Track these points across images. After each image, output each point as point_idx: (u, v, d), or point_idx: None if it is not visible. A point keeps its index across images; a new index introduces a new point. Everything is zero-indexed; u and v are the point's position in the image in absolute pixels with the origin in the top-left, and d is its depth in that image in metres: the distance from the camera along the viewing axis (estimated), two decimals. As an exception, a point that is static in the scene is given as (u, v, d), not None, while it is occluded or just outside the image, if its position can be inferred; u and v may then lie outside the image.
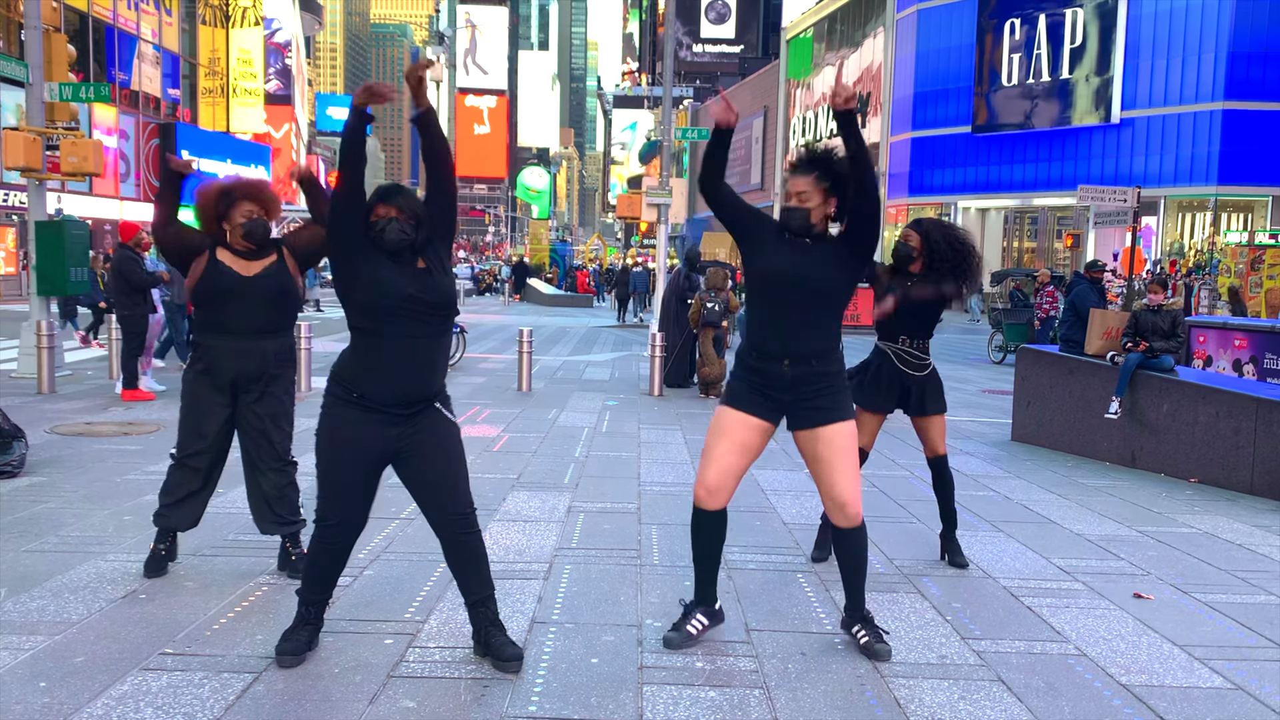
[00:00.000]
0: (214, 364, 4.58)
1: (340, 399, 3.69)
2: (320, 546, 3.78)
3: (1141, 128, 36.22)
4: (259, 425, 4.64)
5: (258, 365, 4.58)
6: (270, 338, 4.61)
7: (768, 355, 3.96)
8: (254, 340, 4.57)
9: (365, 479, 3.72)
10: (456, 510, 3.73)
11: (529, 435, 9.21)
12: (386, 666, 3.76)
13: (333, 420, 3.70)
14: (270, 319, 4.60)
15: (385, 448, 3.68)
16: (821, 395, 3.97)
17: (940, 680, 3.83)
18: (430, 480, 3.71)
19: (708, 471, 4.02)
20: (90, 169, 12.67)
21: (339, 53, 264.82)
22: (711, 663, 3.91)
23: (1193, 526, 6.51)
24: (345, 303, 3.66)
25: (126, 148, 43.12)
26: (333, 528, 3.74)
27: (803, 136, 57.04)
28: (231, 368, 4.56)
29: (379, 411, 3.63)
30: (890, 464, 8.30)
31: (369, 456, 3.68)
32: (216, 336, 4.57)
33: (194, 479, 4.73)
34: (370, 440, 3.65)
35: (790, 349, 3.93)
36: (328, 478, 3.71)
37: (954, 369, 17.99)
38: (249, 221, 4.55)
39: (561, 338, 22.52)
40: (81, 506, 6.04)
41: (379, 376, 3.61)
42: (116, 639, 3.94)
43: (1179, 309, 10.12)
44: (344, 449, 3.66)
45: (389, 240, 3.59)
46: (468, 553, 3.76)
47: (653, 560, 5.29)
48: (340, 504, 3.72)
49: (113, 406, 10.30)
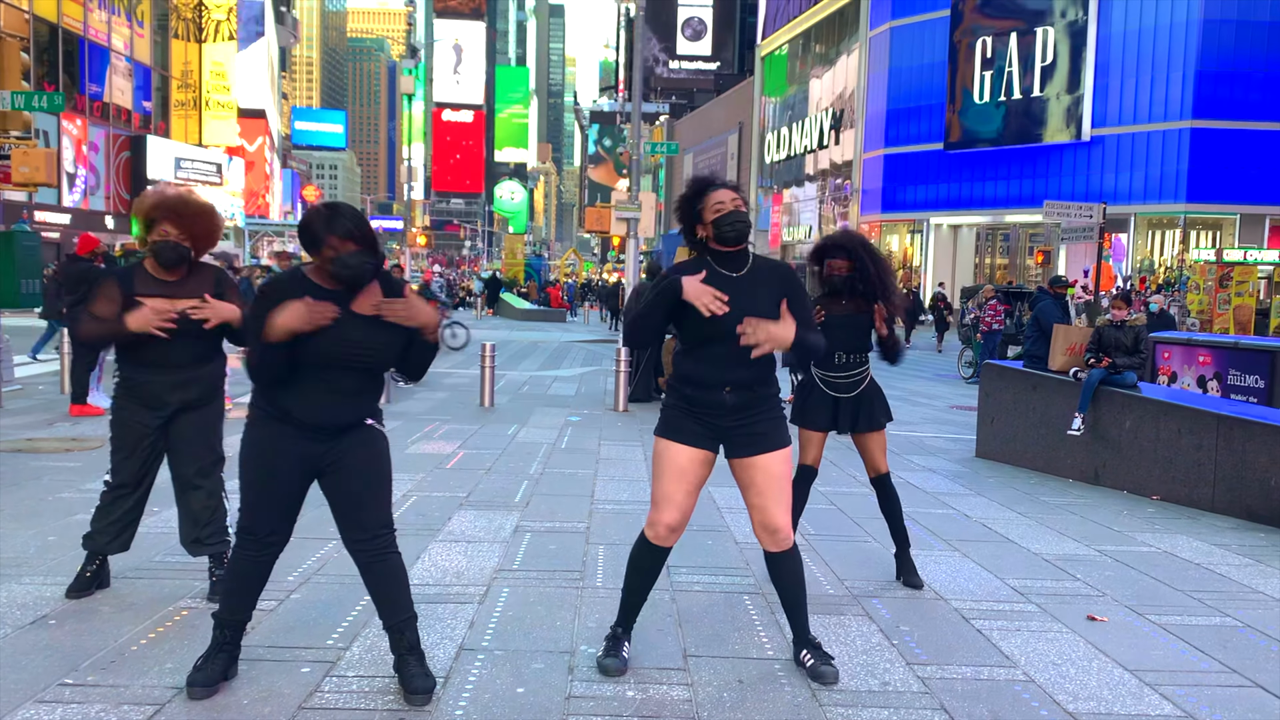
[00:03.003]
0: (141, 395, 4.42)
1: (265, 412, 3.52)
2: (244, 561, 3.60)
3: (1111, 145, 36.48)
4: (187, 448, 4.47)
5: (184, 394, 4.42)
6: (198, 368, 4.44)
7: (706, 385, 3.80)
8: (183, 373, 4.39)
9: (291, 491, 3.55)
10: (375, 528, 3.55)
11: (484, 452, 9.02)
12: (299, 697, 3.56)
13: (258, 433, 3.53)
14: (198, 352, 4.41)
15: (312, 461, 3.51)
16: (760, 421, 3.84)
17: (880, 709, 3.67)
18: (353, 493, 3.53)
19: (665, 513, 3.85)
20: (42, 179, 12.44)
21: (315, 66, 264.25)
22: (643, 691, 3.74)
23: (1151, 545, 6.40)
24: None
25: (96, 160, 42.67)
26: (258, 540, 3.56)
27: (778, 152, 57.22)
28: (159, 398, 4.40)
29: (306, 430, 3.46)
30: (851, 480, 8.16)
31: (295, 469, 3.51)
32: (141, 371, 4.39)
33: (124, 503, 4.55)
34: (296, 453, 3.49)
35: (732, 378, 3.78)
36: (253, 489, 3.54)
37: (924, 385, 17.95)
38: (159, 242, 4.30)
39: (531, 352, 22.34)
40: (5, 526, 5.80)
41: (300, 403, 3.45)
42: (15, 668, 3.72)
43: (1142, 325, 10.07)
44: (270, 460, 3.50)
45: (357, 279, 3.39)
46: (387, 574, 3.58)
47: (595, 582, 5.11)
48: (267, 515, 3.54)
49: (59, 422, 10.03)
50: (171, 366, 4.36)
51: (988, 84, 40.05)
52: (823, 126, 51.33)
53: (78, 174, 41.17)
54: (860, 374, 5.20)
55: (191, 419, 4.46)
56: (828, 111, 50.92)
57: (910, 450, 10.07)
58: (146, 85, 47.82)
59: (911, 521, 6.60)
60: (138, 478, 4.52)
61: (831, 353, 5.12)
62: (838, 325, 5.10)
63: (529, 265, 57.55)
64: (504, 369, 17.60)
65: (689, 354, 3.85)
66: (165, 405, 4.41)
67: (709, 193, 3.85)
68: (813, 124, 52.63)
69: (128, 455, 4.48)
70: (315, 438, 3.49)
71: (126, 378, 4.44)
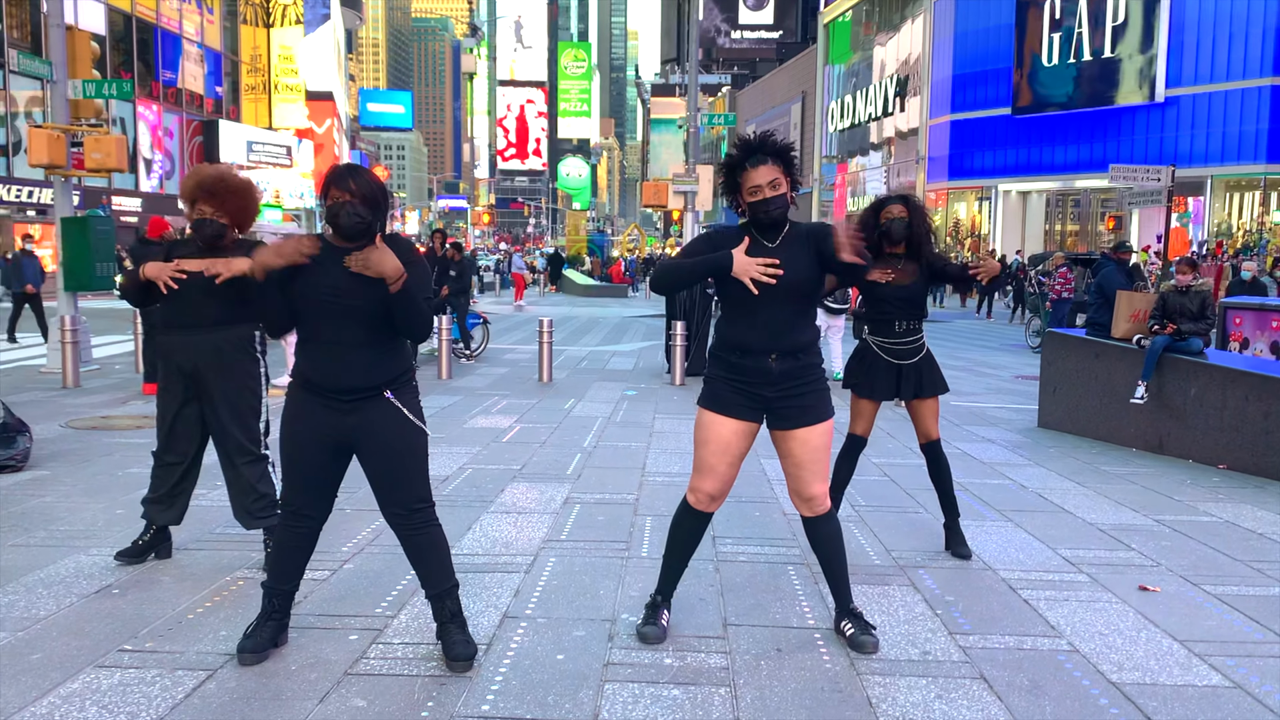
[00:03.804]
0: (168, 358, 4.62)
1: (296, 384, 3.63)
2: (282, 532, 3.73)
3: (1187, 106, 35.25)
4: (223, 418, 4.61)
5: (210, 357, 4.56)
6: (220, 329, 4.57)
7: (752, 352, 3.80)
8: (204, 333, 4.55)
9: (323, 465, 3.63)
10: (404, 505, 3.62)
11: (541, 426, 9.11)
12: (345, 663, 3.67)
13: (292, 407, 3.64)
14: (218, 311, 4.55)
15: (336, 435, 3.58)
16: (806, 393, 3.84)
17: (918, 678, 3.66)
18: (380, 471, 3.61)
19: (706, 481, 3.90)
20: (114, 165, 12.78)
21: (381, 47, 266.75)
22: (681, 659, 3.78)
23: (1213, 515, 6.25)
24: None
25: (171, 145, 43.73)
26: (292, 513, 3.68)
27: (842, 120, 56.44)
28: (185, 361, 4.57)
29: (326, 398, 3.55)
30: (906, 451, 8.09)
31: (324, 443, 3.60)
32: (167, 331, 4.62)
33: (171, 475, 4.73)
34: (325, 426, 3.57)
35: (777, 345, 3.78)
36: (288, 462, 3.66)
37: (989, 355, 17.67)
38: (197, 220, 4.54)
39: (592, 328, 22.43)
40: (77, 500, 6.04)
41: (314, 366, 3.56)
42: (79, 635, 3.89)
43: (1208, 290, 9.77)
44: (294, 430, 3.61)
45: (343, 226, 3.49)
46: (425, 546, 3.66)
47: (640, 552, 5.16)
48: (299, 489, 3.65)
49: (133, 400, 10.37)
50: (189, 326, 4.55)
51: (1056, 46, 38.94)
52: (887, 94, 50.48)
53: (154, 159, 42.27)
54: (918, 341, 5.22)
55: (223, 390, 4.59)
56: (892, 78, 50.04)
57: (971, 421, 9.94)
58: (217, 70, 48.83)
59: (966, 492, 6.55)
60: (178, 451, 4.71)
61: (891, 320, 5.16)
62: (895, 294, 5.14)
63: (591, 242, 57.66)
64: (564, 345, 17.74)
65: (734, 321, 3.86)
66: (189, 365, 4.57)
67: (746, 169, 3.79)
68: (877, 91, 51.77)
69: (166, 428, 4.70)
70: (333, 405, 3.55)
71: (159, 343, 4.72)
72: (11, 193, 33.64)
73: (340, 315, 3.49)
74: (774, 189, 3.77)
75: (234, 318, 4.59)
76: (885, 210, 5.13)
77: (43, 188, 32.50)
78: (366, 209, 3.49)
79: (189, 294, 4.50)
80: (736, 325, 3.85)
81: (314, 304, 3.49)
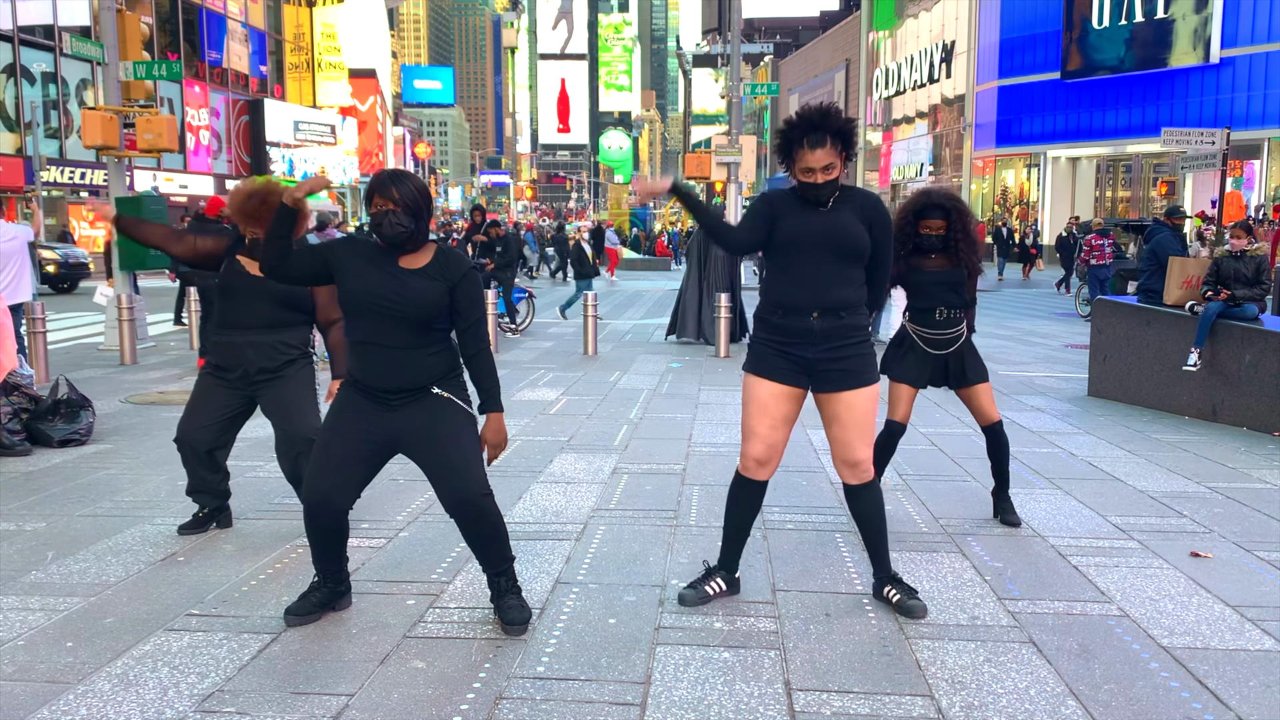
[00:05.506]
0: (225, 357, 4.74)
1: (346, 384, 3.71)
2: (307, 521, 3.71)
3: (1243, 66, 34.36)
4: (278, 413, 4.74)
5: (266, 357, 4.70)
6: (276, 332, 4.73)
7: (796, 310, 3.83)
8: (261, 334, 4.70)
9: (350, 455, 3.62)
10: (461, 497, 3.60)
11: (587, 398, 9.20)
12: (404, 627, 3.78)
13: (339, 400, 3.71)
14: (277, 315, 4.71)
15: (386, 433, 3.62)
16: (849, 356, 3.86)
17: (967, 642, 3.69)
18: (432, 466, 3.63)
19: (755, 446, 3.94)
20: (165, 145, 13.00)
21: (422, 24, 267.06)
22: (731, 623, 3.84)
23: (1267, 482, 6.18)
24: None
25: (218, 125, 44.24)
26: (315, 503, 3.64)
27: (887, 88, 55.72)
28: (242, 360, 4.70)
29: (375, 397, 3.62)
30: (955, 421, 8.07)
31: (365, 438, 3.62)
32: (227, 332, 4.74)
33: (195, 460, 4.85)
34: (370, 422, 3.61)
35: (820, 301, 3.81)
36: (322, 446, 3.66)
37: (1039, 324, 17.47)
38: (253, 240, 4.74)
39: (635, 301, 22.47)
40: (140, 472, 6.21)
41: (363, 367, 3.61)
42: (148, 600, 4.03)
43: (1264, 255, 9.59)
44: (337, 420, 3.65)
45: (386, 235, 3.54)
46: (482, 534, 3.68)
47: (689, 521, 5.22)
48: (324, 478, 3.62)
49: (189, 376, 10.59)
50: (245, 327, 4.69)
51: (1108, 7, 38.09)
52: (933, 60, 49.75)
53: (201, 138, 42.77)
54: (958, 331, 5.16)
55: (275, 391, 4.73)
56: (938, 44, 49.29)
57: (1020, 390, 9.87)
58: (261, 50, 49.25)
59: (1016, 461, 6.52)
60: (196, 437, 4.77)
61: (931, 308, 5.11)
62: (934, 282, 5.07)
63: (634, 215, 57.53)
64: (609, 319, 17.80)
65: (778, 277, 3.90)
66: (240, 366, 4.69)
67: (802, 149, 3.78)
68: (923, 58, 51.04)
69: (191, 411, 4.80)
70: (380, 402, 3.60)
71: (213, 342, 4.81)
72: (65, 174, 34.31)
73: (389, 318, 3.53)
74: (826, 174, 3.78)
75: (286, 325, 4.75)
76: (925, 222, 5.05)
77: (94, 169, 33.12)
78: (409, 217, 3.54)
79: (245, 296, 4.67)
80: (781, 281, 3.89)
81: (363, 306, 3.54)
